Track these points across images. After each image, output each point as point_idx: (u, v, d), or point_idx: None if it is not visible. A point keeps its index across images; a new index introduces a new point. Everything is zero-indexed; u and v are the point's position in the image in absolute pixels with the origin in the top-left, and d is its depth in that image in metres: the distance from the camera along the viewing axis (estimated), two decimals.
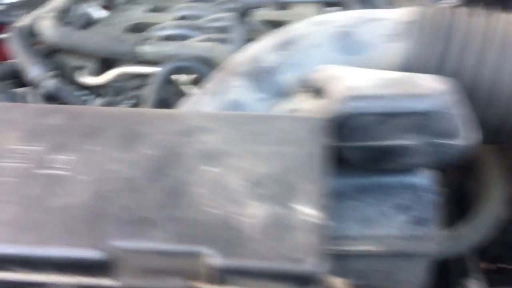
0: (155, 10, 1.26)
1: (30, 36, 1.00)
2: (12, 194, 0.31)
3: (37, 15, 1.03)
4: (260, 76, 0.59)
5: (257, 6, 0.84)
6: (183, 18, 1.20)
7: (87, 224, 0.29)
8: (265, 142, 0.35)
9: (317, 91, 0.55)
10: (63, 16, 1.02)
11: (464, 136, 0.49)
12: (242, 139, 0.35)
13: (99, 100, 0.98)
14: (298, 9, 1.21)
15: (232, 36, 0.87)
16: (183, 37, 1.10)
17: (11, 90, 0.95)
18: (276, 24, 1.15)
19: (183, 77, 0.92)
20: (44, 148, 0.35)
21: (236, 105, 0.58)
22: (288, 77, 0.59)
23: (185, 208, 0.30)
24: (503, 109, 0.56)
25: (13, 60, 1.04)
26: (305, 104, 0.56)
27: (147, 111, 0.38)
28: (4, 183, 0.32)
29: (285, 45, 0.61)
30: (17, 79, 1.06)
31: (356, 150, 0.50)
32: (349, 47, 0.60)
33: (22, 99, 0.93)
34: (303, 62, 0.60)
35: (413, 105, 0.47)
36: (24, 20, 1.02)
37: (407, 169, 0.54)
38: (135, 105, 0.92)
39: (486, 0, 1.16)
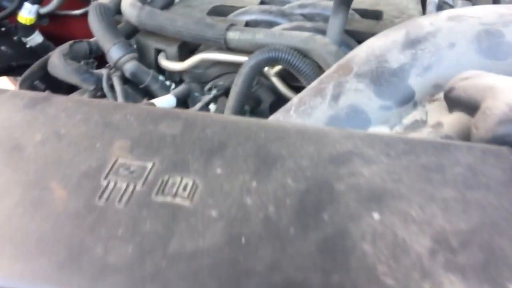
0: None
1: (110, 14, 0.95)
2: (127, 228, 0.25)
3: None
4: (384, 79, 0.50)
5: None
6: (265, 2, 1.12)
7: (220, 281, 0.22)
8: (447, 183, 0.26)
9: (464, 104, 0.45)
10: None
11: None
12: (413, 175, 0.26)
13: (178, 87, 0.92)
14: None
15: (331, 28, 0.77)
16: (268, 24, 1.02)
17: (93, 71, 0.91)
18: (370, 14, 1.05)
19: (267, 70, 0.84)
20: (160, 166, 0.28)
21: (354, 112, 0.49)
22: (418, 82, 0.50)
23: (351, 273, 0.22)
24: None
25: (92, 39, 1.00)
26: (444, 119, 0.46)
27: (281, 124, 0.30)
28: (115, 211, 0.26)
29: (415, 43, 0.51)
30: (96, 58, 1.02)
31: None
32: (494, 50, 0.50)
33: (105, 80, 0.89)
34: (436, 64, 0.50)
35: None
36: None
37: None
38: (217, 97, 0.86)
39: None
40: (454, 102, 0.46)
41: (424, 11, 1.03)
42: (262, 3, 1.13)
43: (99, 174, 0.28)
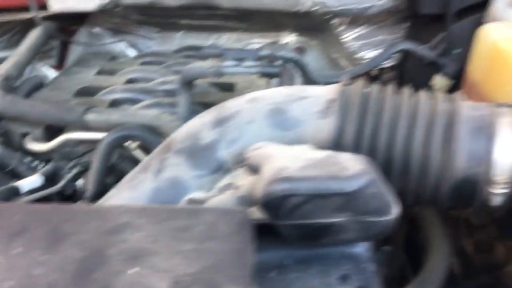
0: (105, 72, 1.28)
1: None
2: None
3: None
4: (198, 153, 0.61)
5: (199, 77, 0.87)
6: (132, 81, 1.22)
7: None
8: (190, 239, 0.36)
9: (252, 169, 0.57)
10: (9, 83, 1.02)
11: (389, 211, 0.52)
12: (167, 236, 0.36)
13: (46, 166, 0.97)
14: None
15: (179, 105, 0.89)
16: (132, 101, 1.12)
17: None
18: (225, 86, 1.20)
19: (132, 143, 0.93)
20: None
21: (174, 183, 0.59)
22: (225, 154, 0.62)
23: None
24: (416, 178, 0.60)
25: None
26: (242, 181, 0.58)
27: (73, 207, 0.38)
28: None
29: (222, 122, 0.64)
30: None
31: (291, 228, 0.52)
32: (282, 123, 0.64)
33: None
34: (239, 138, 0.62)
35: (339, 187, 0.50)
36: None
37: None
38: (83, 172, 0.92)
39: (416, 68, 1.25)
40: (250, 168, 0.59)
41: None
42: (128, 82, 1.23)
43: None
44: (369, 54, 1.46)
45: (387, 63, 1.40)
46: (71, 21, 1.57)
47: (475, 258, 1.01)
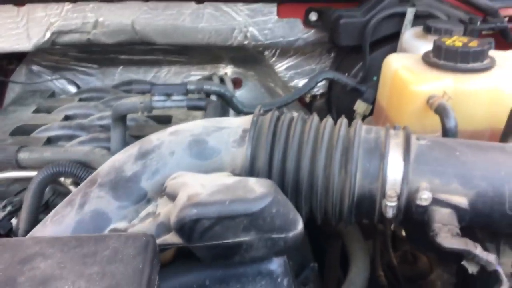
0: (43, 110, 1.30)
1: None
2: None
3: None
4: (121, 185, 0.65)
5: (129, 112, 0.92)
6: (69, 118, 1.24)
7: None
8: (95, 263, 0.40)
9: (170, 197, 0.62)
10: None
11: (293, 227, 0.58)
12: (74, 262, 0.40)
13: None
14: None
15: (112, 140, 0.93)
16: (68, 137, 1.14)
17: None
18: (162, 119, 1.25)
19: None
20: None
21: (97, 215, 0.63)
22: (148, 184, 0.66)
23: None
24: (322, 197, 0.67)
25: None
26: (162, 209, 0.63)
27: None
28: None
29: (145, 155, 0.68)
30: None
31: (205, 249, 0.57)
32: (201, 153, 0.69)
33: None
34: (161, 169, 0.67)
35: (244, 208, 0.55)
36: None
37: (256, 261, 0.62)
38: (16, 210, 0.93)
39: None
40: (168, 196, 0.63)
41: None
42: (66, 118, 1.25)
43: None
44: (301, 82, 1.56)
45: (317, 91, 1.50)
46: (8, 60, 1.58)
47: (400, 269, 1.09)
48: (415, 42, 1.08)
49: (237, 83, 1.70)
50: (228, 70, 1.69)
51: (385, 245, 1.10)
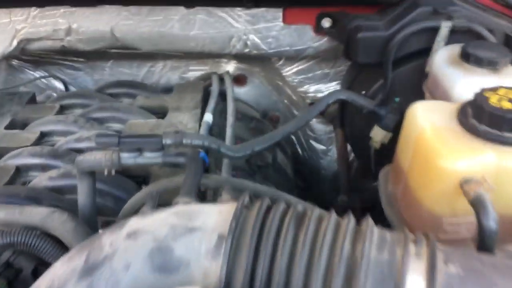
0: (17, 123, 1.17)
1: None
2: None
3: None
4: None
5: (94, 169, 0.76)
6: (44, 135, 1.10)
7: None
8: None
9: None
10: None
11: None
12: None
13: None
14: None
15: (79, 196, 0.79)
16: (40, 167, 1.01)
17: None
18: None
19: None
20: None
21: None
22: None
23: None
24: None
25: None
26: None
27: None
28: None
29: (92, 270, 0.54)
30: None
31: None
32: (166, 265, 0.54)
33: None
34: None
35: None
36: None
37: None
38: None
39: None
40: None
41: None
42: (42, 136, 1.11)
43: None
44: (312, 88, 1.37)
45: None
46: None
47: None
48: (449, 71, 0.88)
49: (241, 80, 1.51)
50: (231, 66, 1.50)
51: None
